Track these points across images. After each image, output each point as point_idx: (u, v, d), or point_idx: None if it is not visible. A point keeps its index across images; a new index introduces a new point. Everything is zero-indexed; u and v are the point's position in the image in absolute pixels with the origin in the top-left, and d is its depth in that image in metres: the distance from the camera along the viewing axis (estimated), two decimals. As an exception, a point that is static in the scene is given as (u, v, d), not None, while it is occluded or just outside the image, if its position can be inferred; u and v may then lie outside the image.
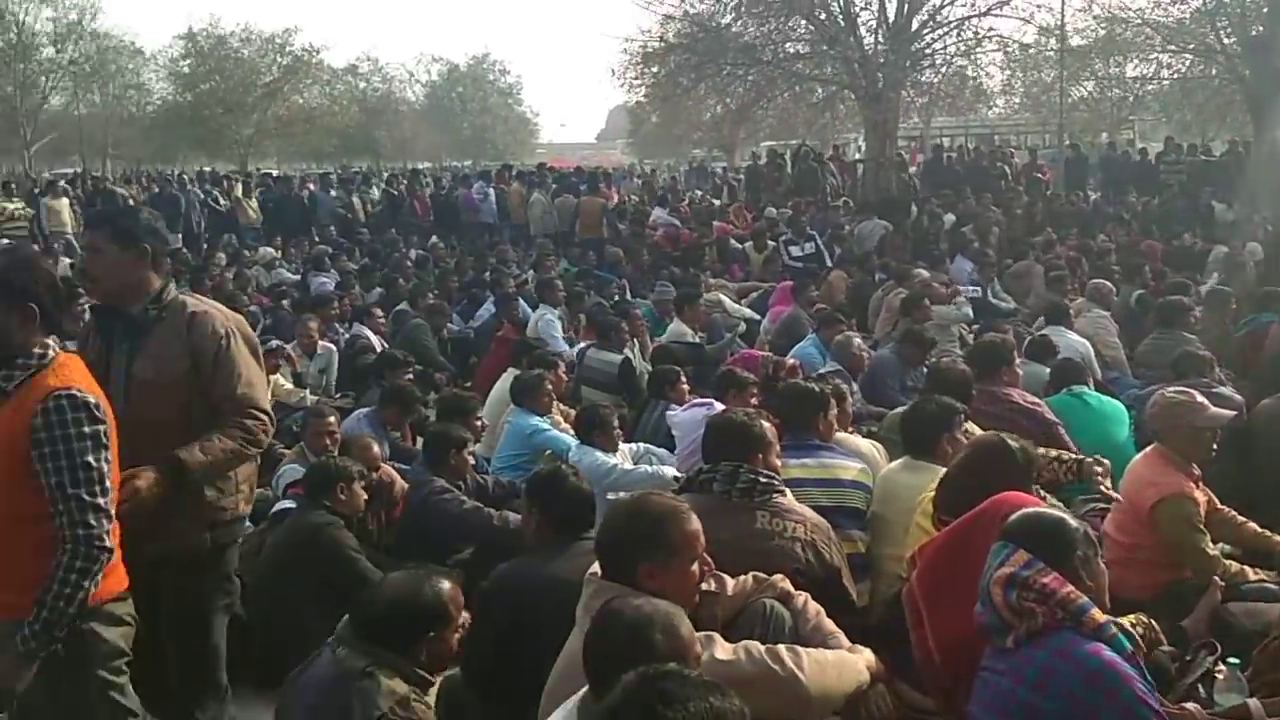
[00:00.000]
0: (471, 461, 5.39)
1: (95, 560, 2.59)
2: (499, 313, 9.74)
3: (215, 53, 37.60)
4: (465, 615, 3.01)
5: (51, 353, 2.75)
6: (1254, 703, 2.95)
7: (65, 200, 17.35)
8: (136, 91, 40.22)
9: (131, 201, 19.14)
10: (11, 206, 17.17)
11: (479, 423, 6.01)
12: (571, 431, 6.04)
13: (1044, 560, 2.56)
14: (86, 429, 2.62)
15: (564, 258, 14.00)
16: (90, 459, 2.61)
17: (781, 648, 2.72)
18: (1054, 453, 4.46)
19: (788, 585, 3.13)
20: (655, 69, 22.69)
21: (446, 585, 2.93)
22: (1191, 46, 21.91)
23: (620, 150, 57.74)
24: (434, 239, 16.76)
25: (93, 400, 2.67)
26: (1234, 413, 4.52)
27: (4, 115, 33.46)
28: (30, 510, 2.60)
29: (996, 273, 11.57)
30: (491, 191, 18.50)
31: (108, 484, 2.66)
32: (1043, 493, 3.69)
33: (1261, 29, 19.50)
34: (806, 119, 25.06)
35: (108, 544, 2.63)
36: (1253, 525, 4.45)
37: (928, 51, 20.23)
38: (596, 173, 21.80)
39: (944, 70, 20.94)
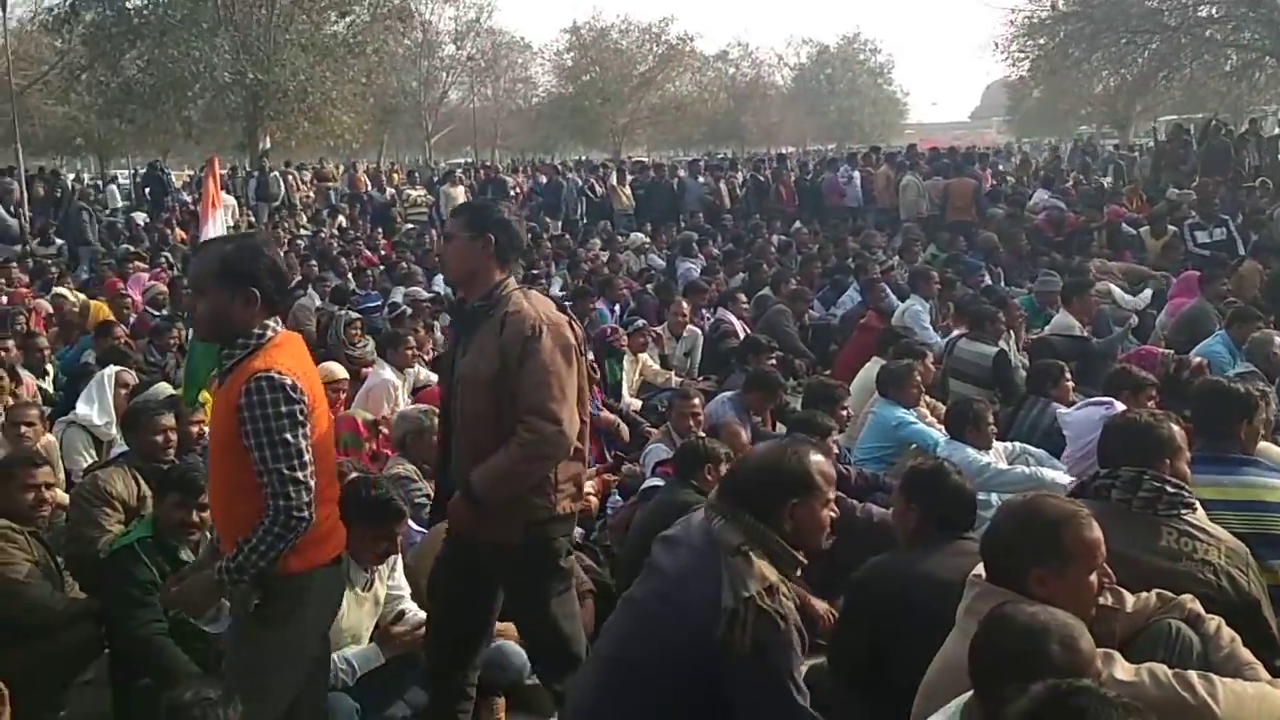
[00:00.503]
0: (835, 451, 5.29)
1: (292, 529, 2.75)
2: (864, 300, 9.54)
3: (596, 45, 39.91)
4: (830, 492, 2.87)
5: (270, 333, 2.89)
6: None
7: (461, 188, 19.05)
8: (524, 84, 43.73)
9: (518, 190, 20.79)
10: (415, 194, 19.19)
11: (844, 412, 5.88)
12: (940, 426, 5.80)
13: None
14: (284, 408, 2.75)
15: (932, 242, 13.45)
16: (288, 435, 2.75)
17: (1193, 674, 2.46)
18: None
19: (1197, 607, 2.82)
20: (1042, 40, 21.47)
21: (815, 455, 2.86)
22: None
23: (996, 129, 55.22)
24: (797, 224, 16.74)
25: (289, 381, 2.78)
26: None
27: (409, 109, 37.33)
28: (246, 481, 2.80)
29: None
30: (856, 175, 18.17)
31: (306, 458, 2.79)
32: None
33: None
34: (1217, 90, 22.63)
35: (306, 514, 2.77)
36: None
37: (1371, 8, 17.61)
38: (971, 152, 20.86)
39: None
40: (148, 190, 22.68)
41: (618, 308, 10.09)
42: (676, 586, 2.76)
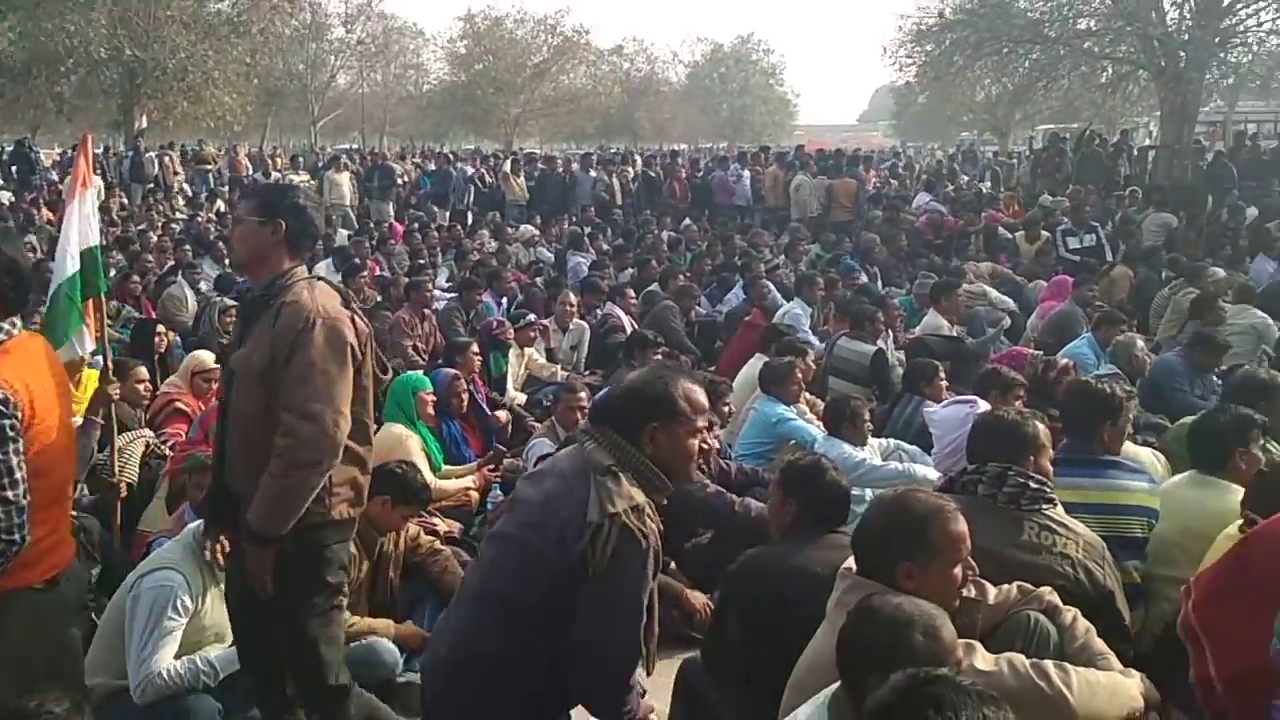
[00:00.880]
0: (716, 446, 5.33)
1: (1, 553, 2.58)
2: (748, 297, 9.65)
3: (490, 34, 39.48)
4: (708, 423, 2.87)
5: (2, 335, 2.70)
6: None
7: (346, 174, 18.62)
8: (415, 71, 42.97)
9: (405, 177, 20.43)
10: (298, 179, 18.70)
11: (726, 407, 5.94)
12: (818, 422, 5.90)
13: None
14: None
15: (817, 242, 13.69)
16: None
17: (1049, 663, 2.55)
18: None
19: (1055, 599, 2.93)
20: (929, 47, 22.01)
21: (684, 381, 2.83)
22: None
23: (882, 133, 56.46)
24: (688, 221, 16.86)
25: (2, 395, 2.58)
26: None
27: (295, 92, 36.39)
28: None
29: (1304, 276, 10.39)
30: (746, 174, 18.40)
31: (16, 476, 2.57)
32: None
33: None
34: (1092, 101, 23.56)
35: (16, 537, 2.57)
36: None
37: (1239, 28, 18.55)
38: (856, 154, 21.31)
39: (1256, 49, 19.12)
40: (14, 168, 21.63)
41: (505, 300, 10.00)
42: (544, 511, 2.72)
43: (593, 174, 18.90)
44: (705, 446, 2.87)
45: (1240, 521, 3.18)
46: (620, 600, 2.62)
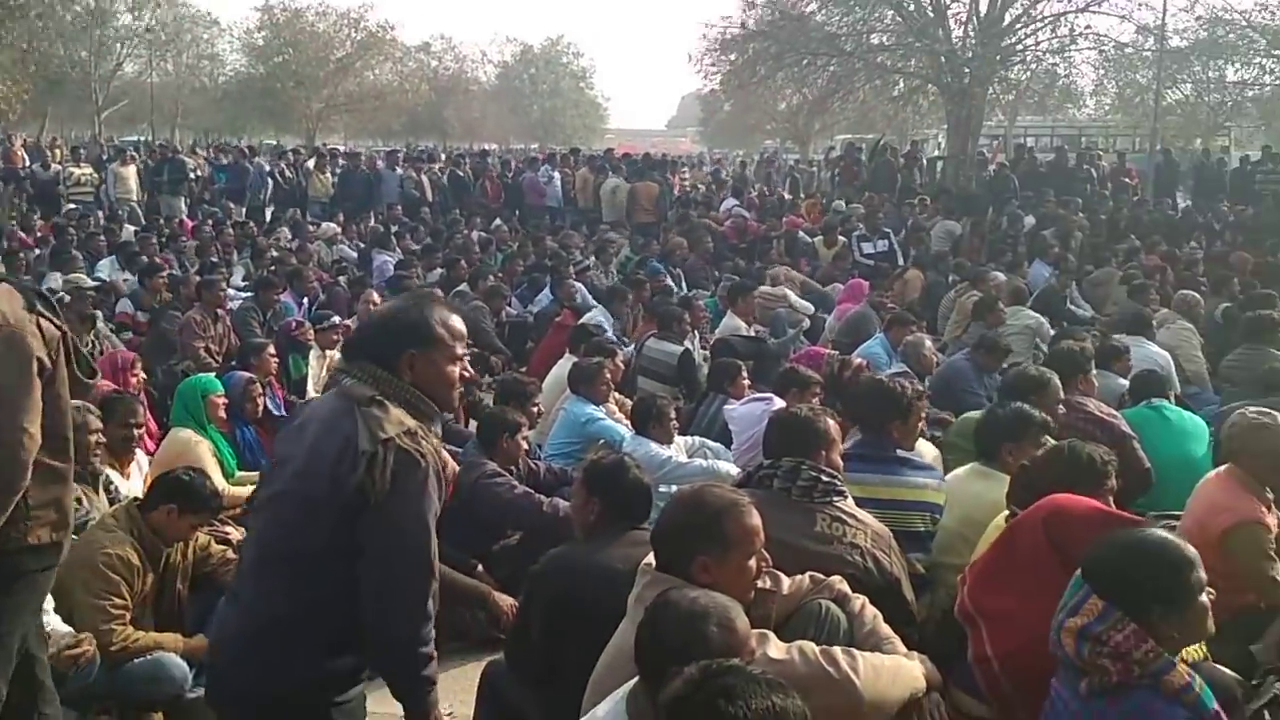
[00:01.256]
0: (525, 447, 5.32)
1: None
2: (555, 298, 9.65)
3: (291, 25, 37.94)
4: (463, 352, 2.75)
5: None
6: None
7: (132, 168, 17.60)
8: (210, 62, 40.86)
9: (198, 171, 19.47)
10: (79, 172, 17.50)
11: (535, 408, 5.93)
12: (627, 422, 5.96)
13: (1122, 608, 2.32)
14: None
15: (627, 245, 13.85)
16: None
17: (837, 650, 2.64)
18: None
19: (845, 587, 3.05)
20: (733, 56, 22.55)
21: (441, 309, 2.72)
22: (1298, 52, 20.95)
23: (690, 139, 57.60)
24: (498, 221, 16.74)
25: None
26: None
27: (77, 81, 34.05)
28: None
29: (1076, 279, 11.24)
30: (557, 176, 18.43)
31: None
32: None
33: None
34: (886, 113, 24.72)
35: None
36: None
37: (1018, 48, 19.88)
38: (664, 159, 21.67)
39: (1034, 67, 20.49)
40: None
41: (306, 300, 9.66)
42: (311, 457, 2.56)
43: (399, 171, 18.50)
44: (465, 374, 2.78)
45: (1007, 512, 3.42)
46: (405, 526, 2.48)
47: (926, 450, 4.64)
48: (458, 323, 2.72)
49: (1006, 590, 2.93)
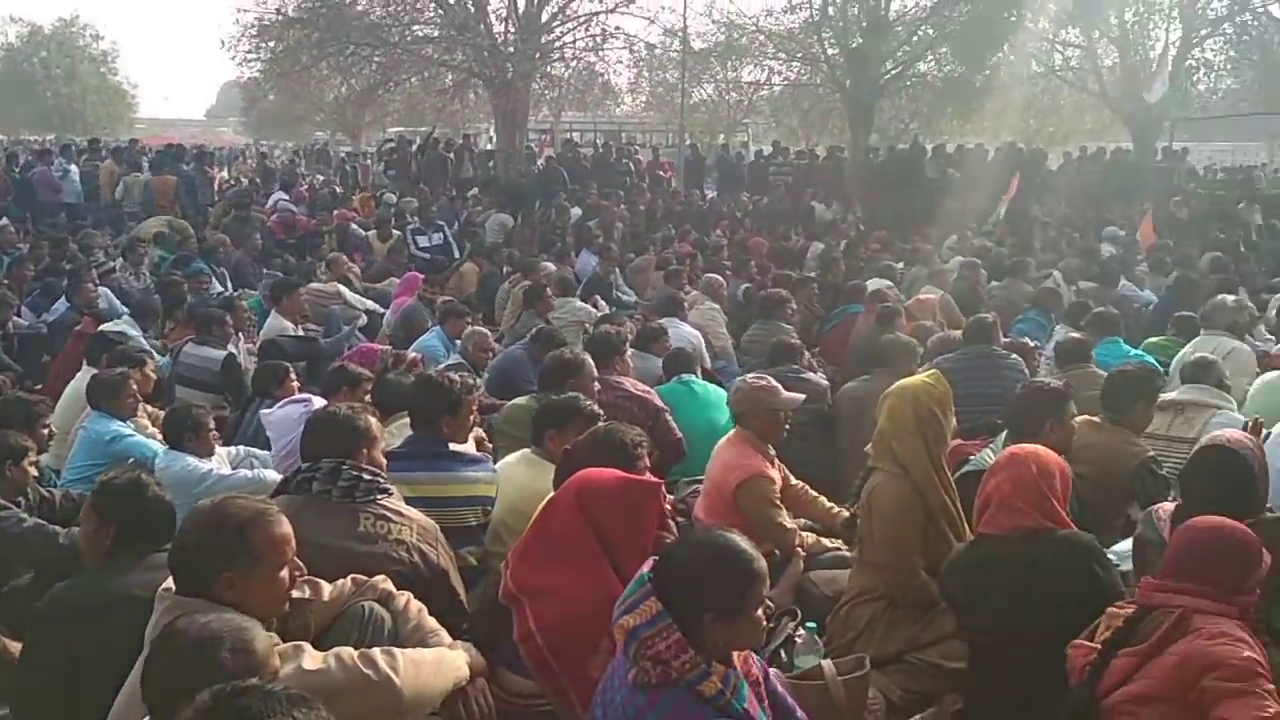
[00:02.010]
0: (35, 474, 4.72)
1: None
2: (72, 305, 8.66)
3: None
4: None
5: None
6: (827, 663, 3.20)
7: None
8: None
9: None
10: None
11: (46, 430, 5.27)
12: (160, 436, 5.47)
13: (673, 614, 2.33)
14: None
15: (160, 245, 12.67)
16: None
17: (376, 651, 2.60)
18: None
19: (389, 586, 3.02)
20: (272, 43, 21.48)
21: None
22: (799, 55, 23.41)
23: (233, 129, 54.33)
24: (4, 221, 14.73)
25: None
26: (804, 396, 4.81)
27: None
28: None
29: (619, 267, 11.92)
30: (74, 169, 16.61)
31: None
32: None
33: (860, 41, 21.01)
34: (435, 105, 24.73)
35: None
36: (822, 500, 4.77)
37: (557, 45, 20.66)
38: (201, 151, 20.24)
39: (573, 65, 21.38)
40: None
41: None
42: None
43: None
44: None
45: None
46: None
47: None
48: None
49: (545, 566, 3.02)
